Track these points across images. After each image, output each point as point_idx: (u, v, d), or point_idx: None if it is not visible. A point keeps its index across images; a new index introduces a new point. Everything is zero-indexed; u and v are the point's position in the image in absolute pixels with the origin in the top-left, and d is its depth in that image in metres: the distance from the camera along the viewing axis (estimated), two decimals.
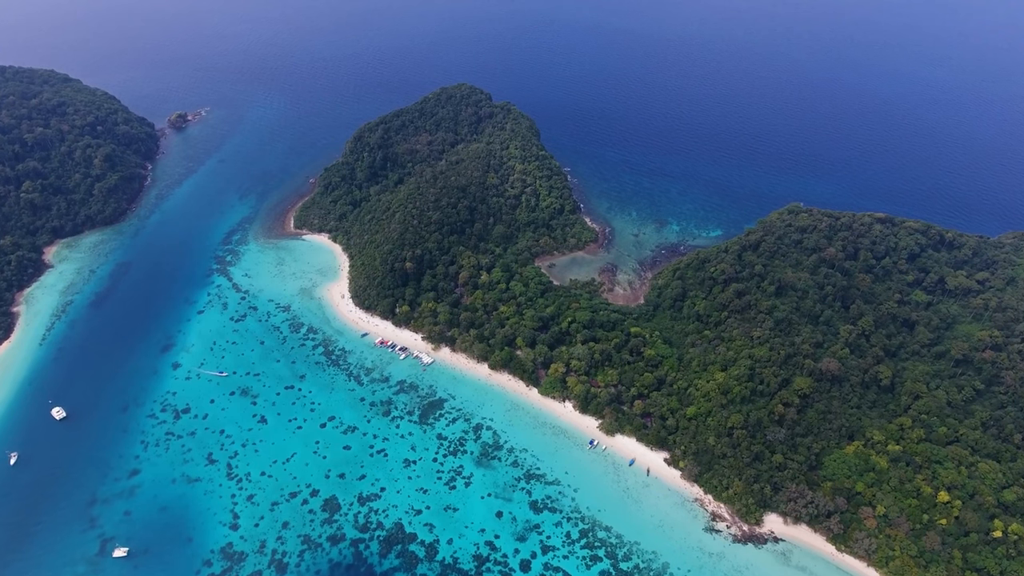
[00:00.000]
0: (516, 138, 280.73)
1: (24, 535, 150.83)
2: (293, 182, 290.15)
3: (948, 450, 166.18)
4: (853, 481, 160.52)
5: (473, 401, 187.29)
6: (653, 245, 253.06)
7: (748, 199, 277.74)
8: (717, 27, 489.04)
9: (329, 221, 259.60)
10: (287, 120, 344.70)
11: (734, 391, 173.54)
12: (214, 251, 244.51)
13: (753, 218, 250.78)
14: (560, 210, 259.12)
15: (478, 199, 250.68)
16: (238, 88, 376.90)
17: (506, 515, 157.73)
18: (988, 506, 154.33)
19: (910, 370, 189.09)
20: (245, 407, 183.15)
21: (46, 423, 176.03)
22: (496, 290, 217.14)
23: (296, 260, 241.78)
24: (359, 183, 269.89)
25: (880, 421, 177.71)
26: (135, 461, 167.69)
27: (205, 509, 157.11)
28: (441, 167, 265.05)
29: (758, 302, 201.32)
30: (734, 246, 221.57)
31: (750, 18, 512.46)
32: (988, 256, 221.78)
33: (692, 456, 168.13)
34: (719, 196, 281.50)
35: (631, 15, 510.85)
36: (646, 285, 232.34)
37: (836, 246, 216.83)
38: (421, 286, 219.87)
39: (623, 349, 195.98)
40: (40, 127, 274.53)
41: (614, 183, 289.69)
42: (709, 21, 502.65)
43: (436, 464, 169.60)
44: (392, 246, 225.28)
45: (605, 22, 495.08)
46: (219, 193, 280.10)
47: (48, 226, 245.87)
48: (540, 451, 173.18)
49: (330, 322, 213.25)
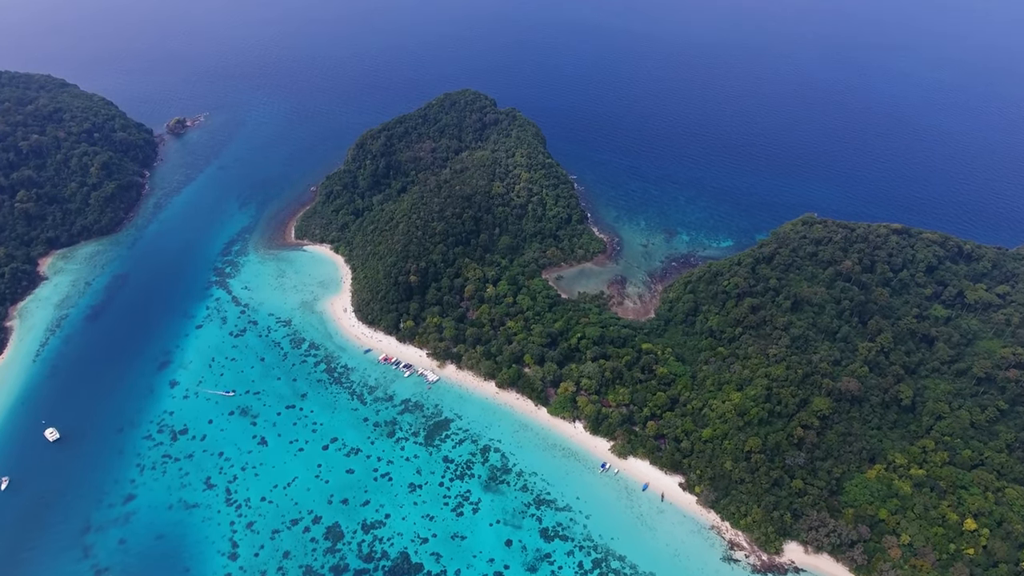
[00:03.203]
0: (522, 145, 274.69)
1: (15, 563, 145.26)
2: (294, 190, 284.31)
3: (973, 474, 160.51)
4: (876, 508, 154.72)
5: (480, 421, 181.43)
6: (663, 256, 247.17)
7: (759, 208, 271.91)
8: (725, 30, 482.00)
9: (331, 231, 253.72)
10: (288, 125, 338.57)
11: (751, 413, 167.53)
12: (213, 262, 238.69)
13: (765, 227, 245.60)
14: (567, 219, 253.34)
15: (483, 209, 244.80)
16: (238, 92, 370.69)
17: (516, 543, 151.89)
18: (1017, 534, 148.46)
19: (931, 389, 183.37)
20: (245, 428, 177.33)
21: (39, 445, 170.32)
22: (503, 304, 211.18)
23: (297, 272, 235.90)
24: (361, 192, 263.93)
25: (902, 443, 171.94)
26: (131, 485, 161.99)
27: (203, 537, 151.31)
28: (445, 175, 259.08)
29: (773, 318, 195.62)
30: (747, 258, 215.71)
31: (758, 20, 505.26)
32: (1008, 268, 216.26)
33: (708, 481, 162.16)
34: (729, 204, 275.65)
35: (638, 17, 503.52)
36: (656, 298, 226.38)
37: (852, 259, 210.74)
38: (426, 300, 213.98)
39: (634, 367, 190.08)
40: (36, 134, 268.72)
41: (622, 191, 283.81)
42: (716, 23, 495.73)
43: (442, 489, 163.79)
44: (396, 258, 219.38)
45: (609, 23, 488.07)
46: (218, 202, 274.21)
47: (43, 236, 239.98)
48: (550, 475, 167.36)
49: (332, 337, 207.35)
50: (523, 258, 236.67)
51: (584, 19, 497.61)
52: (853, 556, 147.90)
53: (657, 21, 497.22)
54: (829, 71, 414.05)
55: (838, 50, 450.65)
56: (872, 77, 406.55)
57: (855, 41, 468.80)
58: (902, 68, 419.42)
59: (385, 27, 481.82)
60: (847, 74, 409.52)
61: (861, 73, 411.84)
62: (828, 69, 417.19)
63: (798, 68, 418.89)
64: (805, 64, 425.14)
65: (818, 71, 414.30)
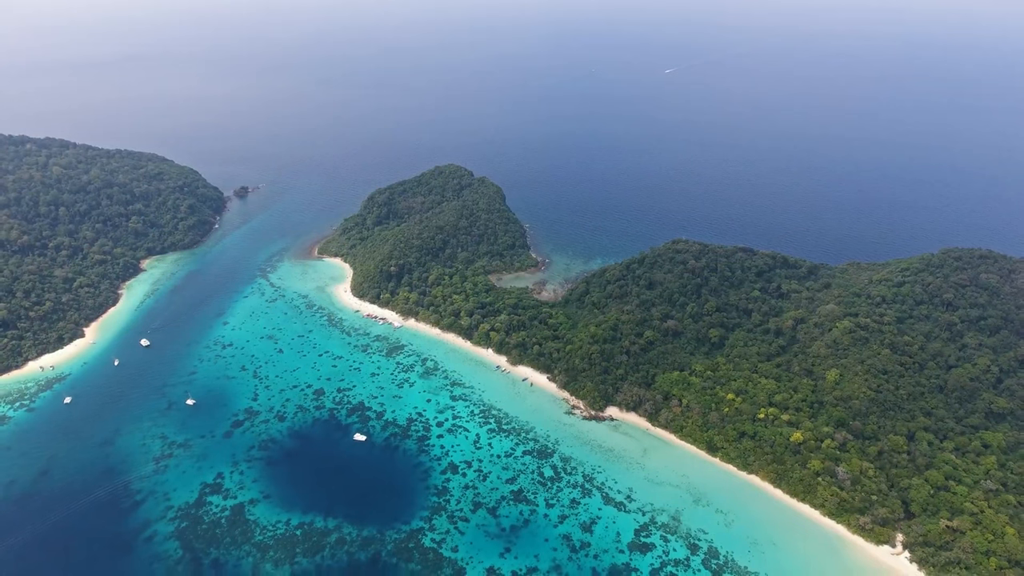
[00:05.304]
0: (484, 198, 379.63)
1: (121, 397, 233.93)
2: (320, 231, 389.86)
3: (742, 372, 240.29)
4: (671, 387, 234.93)
5: (425, 347, 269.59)
6: (579, 270, 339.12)
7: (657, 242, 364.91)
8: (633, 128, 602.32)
9: (343, 250, 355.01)
10: (320, 193, 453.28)
11: (598, 335, 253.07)
12: (257, 266, 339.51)
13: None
14: (512, 245, 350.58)
15: (450, 234, 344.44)
16: (287, 171, 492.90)
17: (433, 401, 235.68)
18: (760, 402, 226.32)
19: (736, 335, 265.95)
20: (269, 345, 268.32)
21: (138, 348, 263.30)
22: (452, 286, 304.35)
23: (316, 272, 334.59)
24: (368, 227, 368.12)
25: (706, 361, 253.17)
26: (194, 368, 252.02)
27: (237, 391, 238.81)
28: (427, 215, 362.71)
29: (633, 293, 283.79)
30: (627, 261, 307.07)
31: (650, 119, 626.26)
32: (819, 274, 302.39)
33: (564, 372, 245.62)
34: (639, 243, 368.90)
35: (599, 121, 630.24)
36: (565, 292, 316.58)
37: (701, 263, 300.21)
38: (400, 283, 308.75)
39: (535, 320, 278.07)
40: (144, 185, 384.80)
41: (562, 234, 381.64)
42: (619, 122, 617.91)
43: (392, 376, 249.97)
44: (383, 258, 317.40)
45: (580, 129, 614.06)
46: (264, 235, 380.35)
47: (145, 246, 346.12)
48: (464, 372, 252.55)
49: (333, 303, 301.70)
50: (475, 266, 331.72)
51: (572, 130, 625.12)
52: (647, 409, 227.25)
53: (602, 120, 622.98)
54: (703, 155, 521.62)
55: (708, 138, 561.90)
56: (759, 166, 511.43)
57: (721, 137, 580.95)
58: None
59: (399, 118, 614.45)
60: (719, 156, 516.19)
61: (745, 162, 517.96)
62: (704, 153, 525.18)
63: (679, 159, 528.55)
64: (684, 154, 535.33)
65: (696, 158, 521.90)
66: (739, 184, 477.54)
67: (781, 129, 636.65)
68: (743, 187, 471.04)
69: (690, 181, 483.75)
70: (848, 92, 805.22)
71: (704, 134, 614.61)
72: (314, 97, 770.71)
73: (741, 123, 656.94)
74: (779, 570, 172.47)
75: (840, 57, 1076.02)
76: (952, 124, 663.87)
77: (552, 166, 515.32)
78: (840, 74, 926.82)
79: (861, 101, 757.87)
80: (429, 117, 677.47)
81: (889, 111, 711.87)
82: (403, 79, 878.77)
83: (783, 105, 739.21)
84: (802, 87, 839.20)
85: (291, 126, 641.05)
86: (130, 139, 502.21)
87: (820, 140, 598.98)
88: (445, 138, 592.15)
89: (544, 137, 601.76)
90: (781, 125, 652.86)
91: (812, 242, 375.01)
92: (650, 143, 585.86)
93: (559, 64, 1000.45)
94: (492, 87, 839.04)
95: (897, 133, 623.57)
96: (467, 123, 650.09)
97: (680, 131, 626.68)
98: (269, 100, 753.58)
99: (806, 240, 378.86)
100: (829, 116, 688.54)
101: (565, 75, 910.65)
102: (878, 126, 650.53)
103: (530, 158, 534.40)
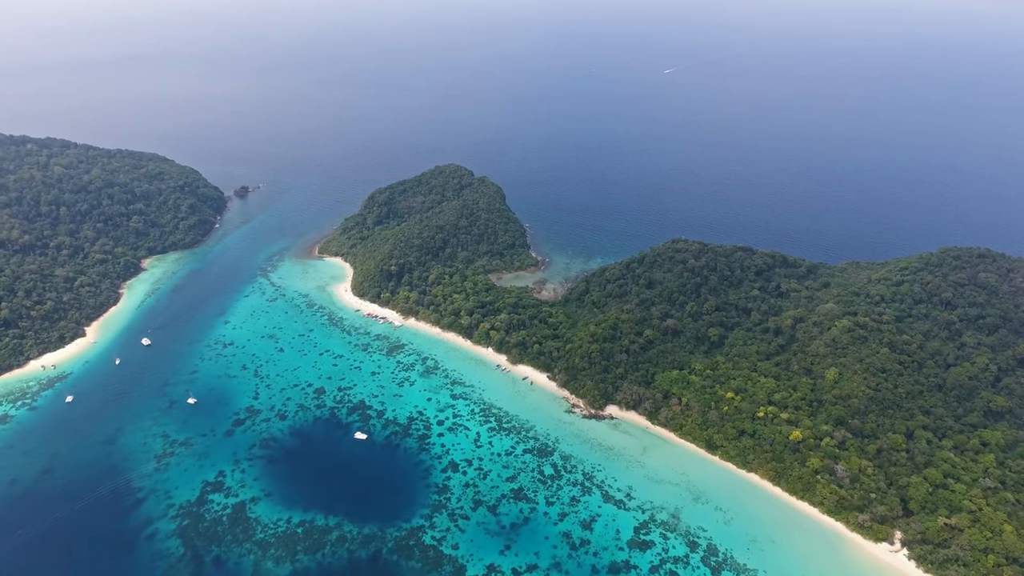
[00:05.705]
0: (484, 198, 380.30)
1: (123, 396, 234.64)
2: (320, 230, 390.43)
3: (741, 371, 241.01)
4: (671, 386, 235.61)
5: (426, 346, 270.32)
6: (578, 270, 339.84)
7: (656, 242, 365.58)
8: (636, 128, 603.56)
9: (344, 249, 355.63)
10: (320, 192, 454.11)
11: (598, 334, 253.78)
12: (258, 265, 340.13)
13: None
14: (512, 245, 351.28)
15: (451, 234, 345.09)
16: (287, 171, 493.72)
17: (433, 399, 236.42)
18: (760, 401, 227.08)
19: (735, 334, 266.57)
20: (270, 344, 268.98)
21: (138, 347, 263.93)
22: (453, 286, 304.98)
23: (317, 271, 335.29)
24: (368, 226, 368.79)
25: (705, 359, 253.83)
26: (195, 366, 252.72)
27: (238, 390, 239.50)
28: (427, 214, 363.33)
29: (633, 292, 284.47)
30: (627, 261, 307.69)
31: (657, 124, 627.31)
32: (818, 273, 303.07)
33: (564, 371, 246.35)
34: (638, 243, 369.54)
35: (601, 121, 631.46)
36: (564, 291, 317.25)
37: (701, 262, 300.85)
38: (400, 283, 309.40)
39: (535, 319, 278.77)
40: (145, 185, 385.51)
41: (562, 234, 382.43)
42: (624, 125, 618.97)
43: (392, 375, 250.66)
44: (383, 257, 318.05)
45: (580, 129, 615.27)
46: (265, 235, 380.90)
47: (146, 245, 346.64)
48: (464, 371, 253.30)
49: (334, 303, 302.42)
50: (475, 265, 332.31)
51: (568, 130, 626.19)
52: (647, 407, 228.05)
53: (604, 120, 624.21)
54: (706, 156, 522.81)
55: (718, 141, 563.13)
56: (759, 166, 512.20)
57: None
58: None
59: (401, 119, 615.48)
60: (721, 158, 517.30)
61: (745, 163, 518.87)
62: (704, 153, 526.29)
63: (679, 158, 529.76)
64: (684, 154, 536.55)
65: (695, 158, 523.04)
66: (739, 184, 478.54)
67: (781, 129, 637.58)
68: (743, 187, 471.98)
69: (690, 181, 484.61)
70: (848, 92, 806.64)
71: (704, 134, 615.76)
72: (314, 97, 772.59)
73: (741, 123, 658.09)
74: (778, 567, 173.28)
75: (840, 57, 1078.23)
76: (952, 124, 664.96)
77: (552, 166, 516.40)
78: (840, 74, 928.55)
79: (861, 101, 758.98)
80: (429, 117, 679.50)
81: (889, 111, 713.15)
82: (403, 79, 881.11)
83: (783, 105, 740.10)
84: (802, 87, 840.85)
85: (291, 126, 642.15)
86: (131, 139, 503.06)
87: (820, 140, 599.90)
88: (445, 138, 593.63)
89: (544, 137, 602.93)
90: (781, 125, 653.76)
91: (811, 241, 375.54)
92: (650, 143, 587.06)
93: (559, 64, 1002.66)
94: (492, 87, 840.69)
95: (897, 133, 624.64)
96: (467, 123, 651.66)
97: (680, 131, 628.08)
98: (269, 100, 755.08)
99: (805, 239, 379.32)
100: (829, 116, 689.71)
101: (565, 75, 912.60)
102: (878, 126, 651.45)
103: (530, 158, 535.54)
